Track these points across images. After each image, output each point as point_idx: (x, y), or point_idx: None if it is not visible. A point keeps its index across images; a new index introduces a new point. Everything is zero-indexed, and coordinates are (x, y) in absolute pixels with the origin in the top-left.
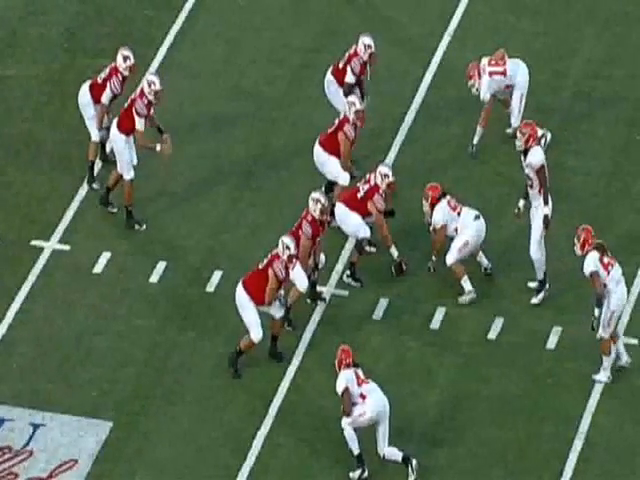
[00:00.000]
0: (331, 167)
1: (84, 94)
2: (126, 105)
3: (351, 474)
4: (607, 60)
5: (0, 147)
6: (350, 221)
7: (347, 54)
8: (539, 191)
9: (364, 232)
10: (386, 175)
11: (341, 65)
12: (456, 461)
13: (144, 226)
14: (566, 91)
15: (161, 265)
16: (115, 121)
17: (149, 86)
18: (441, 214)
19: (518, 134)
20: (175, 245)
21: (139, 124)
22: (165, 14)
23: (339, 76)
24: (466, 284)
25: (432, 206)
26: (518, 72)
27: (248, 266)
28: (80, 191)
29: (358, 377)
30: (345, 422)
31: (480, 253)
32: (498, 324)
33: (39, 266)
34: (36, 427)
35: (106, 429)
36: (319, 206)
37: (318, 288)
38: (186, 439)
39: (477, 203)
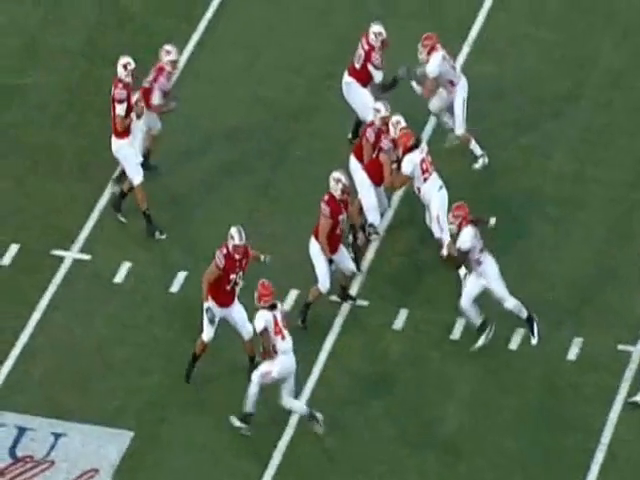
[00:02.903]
0: (360, 178)
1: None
2: (112, 111)
3: (233, 418)
4: (627, 70)
5: (20, 156)
6: (368, 198)
7: (361, 52)
8: (477, 263)
9: (373, 217)
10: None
11: (358, 65)
12: (476, 472)
13: (164, 235)
14: (586, 101)
15: (181, 275)
16: (114, 137)
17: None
18: (411, 167)
19: (451, 217)
20: (195, 255)
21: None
22: (185, 23)
23: (360, 77)
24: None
25: (404, 153)
26: (462, 80)
27: (267, 276)
28: (100, 200)
29: (277, 323)
30: (255, 376)
31: None
32: (519, 334)
33: (60, 275)
34: (57, 437)
35: (127, 439)
36: (340, 186)
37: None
38: (206, 449)
39: (494, 213)
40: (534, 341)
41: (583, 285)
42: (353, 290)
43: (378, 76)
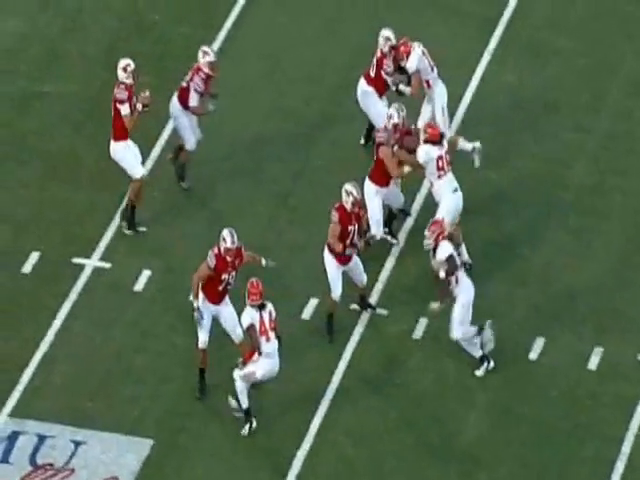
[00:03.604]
0: (365, 186)
1: (174, 104)
2: (113, 113)
3: (242, 431)
4: None
5: (40, 164)
6: (372, 209)
7: (375, 59)
8: (455, 281)
9: (375, 229)
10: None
11: (373, 73)
12: None
13: (131, 232)
14: (606, 110)
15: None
16: (112, 140)
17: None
18: (424, 157)
19: (427, 232)
20: None
21: (194, 100)
22: (204, 32)
23: (376, 85)
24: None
25: (426, 142)
26: (439, 86)
27: (287, 284)
28: (120, 208)
29: (262, 323)
30: (237, 374)
31: (462, 248)
32: (539, 344)
33: (80, 284)
34: (77, 444)
35: (147, 447)
36: (351, 198)
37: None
38: (226, 457)
39: (514, 223)
40: (478, 373)
41: (603, 295)
42: (372, 299)
43: (402, 87)
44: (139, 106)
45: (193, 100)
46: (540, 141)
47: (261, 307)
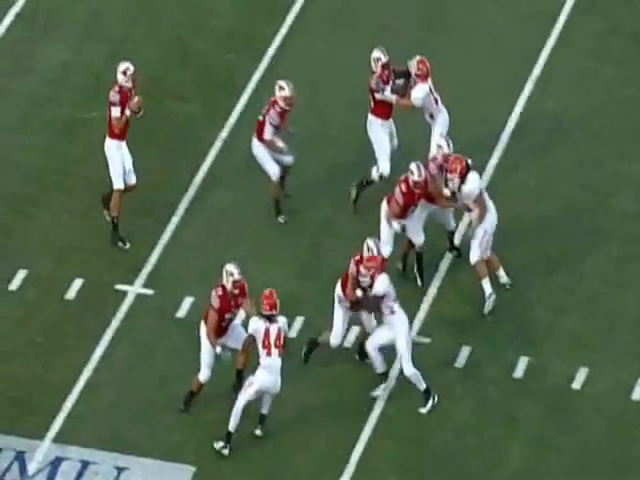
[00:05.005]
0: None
1: (254, 141)
2: (107, 114)
3: (215, 443)
4: None
5: (83, 191)
6: (382, 232)
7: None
8: (390, 312)
9: (385, 250)
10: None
11: (372, 102)
12: None
13: (127, 245)
14: None
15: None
16: (107, 137)
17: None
18: (476, 183)
19: (363, 269)
20: (257, 291)
21: (268, 133)
22: (247, 60)
23: (374, 112)
24: (487, 285)
25: (462, 178)
26: (442, 115)
27: (329, 312)
28: (163, 235)
29: (267, 335)
30: (241, 394)
31: (501, 271)
32: (582, 374)
33: (123, 310)
34: (120, 471)
35: (189, 474)
36: (370, 255)
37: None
38: None
39: (557, 252)
40: (423, 410)
41: None
42: (414, 327)
43: (387, 94)
44: (127, 111)
45: (268, 133)
46: (583, 169)
47: (271, 319)
